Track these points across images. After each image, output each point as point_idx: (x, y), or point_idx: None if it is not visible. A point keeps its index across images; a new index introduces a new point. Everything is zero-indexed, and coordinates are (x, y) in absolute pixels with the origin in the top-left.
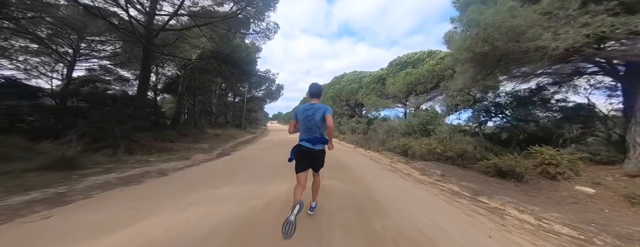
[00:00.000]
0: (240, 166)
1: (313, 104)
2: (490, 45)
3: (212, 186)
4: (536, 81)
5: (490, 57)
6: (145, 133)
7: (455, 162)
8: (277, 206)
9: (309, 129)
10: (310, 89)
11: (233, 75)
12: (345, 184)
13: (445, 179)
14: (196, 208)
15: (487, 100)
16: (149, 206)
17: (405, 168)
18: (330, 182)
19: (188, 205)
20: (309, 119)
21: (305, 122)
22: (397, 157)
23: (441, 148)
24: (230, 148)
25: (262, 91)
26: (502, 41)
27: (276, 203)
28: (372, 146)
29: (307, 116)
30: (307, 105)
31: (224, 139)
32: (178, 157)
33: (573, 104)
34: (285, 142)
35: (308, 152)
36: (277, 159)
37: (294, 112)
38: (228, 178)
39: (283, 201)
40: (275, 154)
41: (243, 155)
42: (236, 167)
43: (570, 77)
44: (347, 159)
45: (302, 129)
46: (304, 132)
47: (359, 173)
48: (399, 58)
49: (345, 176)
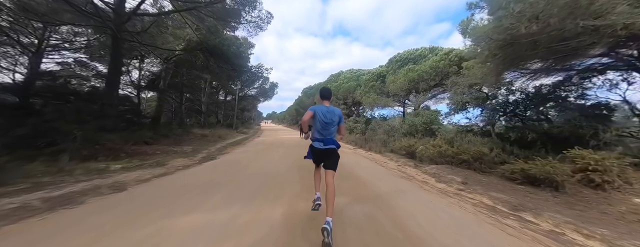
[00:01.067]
0: (224, 175)
1: (328, 106)
2: (541, 24)
3: (177, 208)
4: (559, 75)
5: (526, 42)
6: (116, 134)
7: (470, 166)
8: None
9: (325, 130)
10: (323, 92)
11: (222, 70)
12: (361, 202)
13: (468, 187)
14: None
15: (500, 97)
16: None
17: (417, 174)
18: (343, 200)
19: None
20: (328, 123)
21: (323, 125)
22: (402, 160)
23: (453, 150)
24: (217, 151)
25: (255, 89)
26: (558, 18)
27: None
28: (373, 147)
29: (326, 121)
30: (323, 107)
31: (212, 141)
32: (151, 164)
33: (605, 101)
34: (280, 143)
35: (320, 151)
36: (271, 165)
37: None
38: (203, 195)
39: (276, 240)
40: (268, 158)
41: (230, 159)
42: (218, 178)
43: (602, 71)
44: (352, 164)
45: (318, 129)
46: (319, 132)
47: (371, 183)
48: (399, 54)
49: (357, 188)
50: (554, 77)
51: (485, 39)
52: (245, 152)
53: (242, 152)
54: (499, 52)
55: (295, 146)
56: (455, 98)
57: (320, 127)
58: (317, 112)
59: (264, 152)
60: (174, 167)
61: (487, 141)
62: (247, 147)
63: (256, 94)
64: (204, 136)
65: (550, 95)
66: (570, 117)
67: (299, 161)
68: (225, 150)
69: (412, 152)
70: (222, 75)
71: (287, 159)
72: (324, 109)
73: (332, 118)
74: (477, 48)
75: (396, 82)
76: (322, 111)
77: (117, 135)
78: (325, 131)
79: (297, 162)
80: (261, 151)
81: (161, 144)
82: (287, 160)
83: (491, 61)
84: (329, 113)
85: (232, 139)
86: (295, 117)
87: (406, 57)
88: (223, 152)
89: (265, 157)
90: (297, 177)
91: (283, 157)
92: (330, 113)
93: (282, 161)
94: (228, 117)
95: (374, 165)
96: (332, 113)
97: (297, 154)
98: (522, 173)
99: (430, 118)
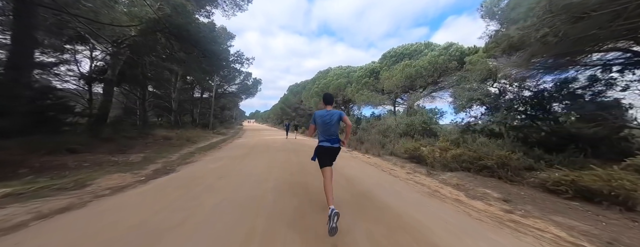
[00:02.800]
0: (170, 208)
1: (328, 110)
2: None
3: None
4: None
5: (586, 20)
6: (17, 140)
7: (494, 173)
8: None
9: (328, 130)
10: (326, 97)
11: (192, 59)
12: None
13: (515, 208)
14: None
15: (510, 94)
16: None
17: (438, 186)
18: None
19: None
20: (327, 123)
21: (324, 126)
22: (409, 166)
23: (470, 154)
24: (179, 159)
25: (236, 86)
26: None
27: None
28: (369, 149)
29: (325, 121)
30: (323, 111)
31: (177, 145)
32: (63, 185)
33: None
34: (264, 145)
35: (329, 150)
36: (251, 180)
37: (311, 118)
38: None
39: None
40: (249, 171)
41: (194, 173)
42: (159, 217)
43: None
44: (362, 178)
45: (321, 131)
46: (322, 134)
47: (396, 210)
48: (393, 49)
49: (386, 226)
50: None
51: (538, 13)
52: (219, 161)
53: (213, 161)
54: (565, 27)
55: (283, 149)
56: (463, 94)
57: (322, 128)
58: (316, 117)
59: (243, 159)
60: (96, 192)
61: (501, 143)
62: (222, 153)
63: (237, 91)
64: (167, 138)
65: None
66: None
67: (295, 176)
68: (192, 158)
69: (417, 156)
70: (193, 65)
71: (274, 169)
72: (323, 113)
73: (331, 118)
74: (516, 30)
75: (392, 78)
76: (321, 114)
77: (18, 140)
78: (328, 130)
79: (290, 177)
80: (240, 158)
81: (97, 152)
82: (274, 172)
83: (530, 43)
84: (328, 115)
85: (205, 141)
86: (280, 116)
87: (401, 52)
88: (188, 161)
89: (245, 168)
90: (292, 210)
91: (269, 166)
92: (328, 115)
93: (268, 174)
94: (205, 116)
95: (381, 174)
96: (330, 114)
97: (287, 163)
98: (572, 185)
99: (430, 116)
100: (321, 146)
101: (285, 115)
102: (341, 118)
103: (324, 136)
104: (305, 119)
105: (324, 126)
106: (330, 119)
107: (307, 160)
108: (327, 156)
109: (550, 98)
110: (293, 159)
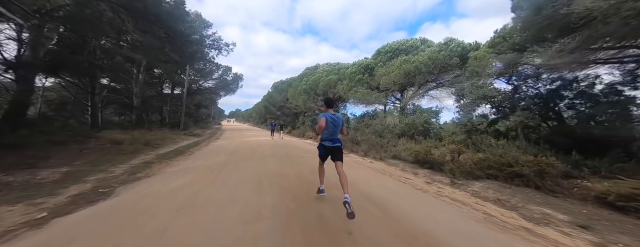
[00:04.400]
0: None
1: (333, 113)
2: None
3: None
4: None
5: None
6: None
7: (529, 182)
8: None
9: (333, 132)
10: (327, 101)
11: (150, 40)
12: None
13: (605, 239)
14: None
15: (525, 89)
16: None
17: (476, 202)
18: None
19: None
20: (335, 125)
21: (331, 128)
22: (421, 172)
23: (495, 159)
24: (125, 174)
25: (214, 81)
26: None
27: None
28: (368, 152)
29: (335, 124)
30: (329, 114)
31: (129, 151)
32: None
33: None
34: (249, 149)
35: (330, 148)
36: (232, 215)
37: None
38: None
39: None
40: (230, 189)
41: (138, 201)
42: None
43: None
44: (379, 191)
45: (327, 132)
46: (327, 134)
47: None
48: (388, 45)
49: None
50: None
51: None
52: (184, 175)
53: (176, 175)
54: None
55: (272, 155)
56: (475, 92)
57: (330, 130)
58: (327, 118)
59: (220, 172)
60: None
61: (522, 145)
62: (192, 161)
63: (215, 87)
64: (117, 142)
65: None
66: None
67: (300, 202)
68: (146, 170)
69: (430, 160)
70: (155, 51)
71: (266, 189)
72: (329, 115)
73: (338, 122)
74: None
75: (389, 74)
76: (331, 117)
77: None
78: (333, 132)
79: (296, 207)
80: (216, 170)
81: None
82: (268, 194)
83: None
84: (336, 118)
85: (172, 145)
86: (264, 115)
87: (397, 47)
88: (138, 176)
89: (222, 188)
90: None
91: (258, 185)
92: (336, 118)
93: (260, 199)
94: (177, 114)
95: (409, 191)
96: (337, 118)
97: (283, 177)
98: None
99: (431, 116)
100: (325, 146)
101: (269, 114)
102: (342, 124)
103: (328, 136)
104: (291, 119)
105: (332, 128)
106: (337, 121)
107: (309, 171)
108: (331, 154)
109: (591, 96)
110: (289, 170)
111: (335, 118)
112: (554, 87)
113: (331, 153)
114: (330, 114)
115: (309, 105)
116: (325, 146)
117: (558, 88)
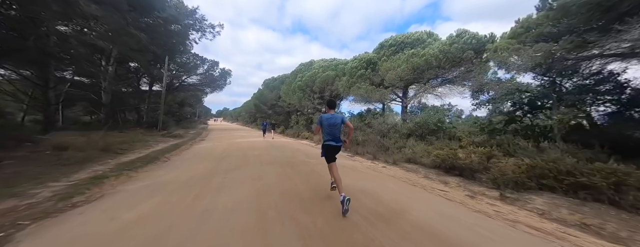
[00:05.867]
0: None
1: (332, 114)
2: None
3: None
4: None
5: None
6: None
7: (600, 196)
8: None
9: (333, 132)
10: (329, 103)
11: (106, 9)
12: None
13: None
14: None
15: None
16: None
17: (553, 228)
18: None
19: None
20: (333, 125)
21: (330, 128)
22: (451, 180)
23: (550, 166)
24: (55, 198)
25: (199, 76)
26: None
27: None
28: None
29: (331, 123)
30: (328, 115)
31: (76, 161)
32: None
33: None
34: (240, 153)
35: (334, 147)
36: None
37: (318, 120)
38: None
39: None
40: (217, 228)
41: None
42: None
43: None
44: (426, 215)
45: (327, 132)
46: (328, 134)
47: None
48: (392, 37)
49: None
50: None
51: None
52: (149, 197)
53: (136, 198)
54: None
55: (271, 162)
56: (502, 86)
57: (328, 130)
58: (323, 120)
59: (203, 190)
60: None
61: (565, 148)
62: (165, 172)
63: (200, 83)
64: (62, 148)
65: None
66: None
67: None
68: (85, 193)
69: (459, 166)
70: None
71: (276, 226)
72: (328, 116)
73: (335, 121)
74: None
75: (395, 69)
76: (327, 117)
77: None
78: (332, 132)
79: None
80: (197, 186)
81: None
82: (278, 238)
83: None
84: (332, 118)
85: (142, 150)
86: (254, 114)
87: (402, 41)
88: (74, 201)
89: (202, 229)
90: None
91: (262, 217)
92: (332, 118)
93: (271, 224)
94: (156, 112)
95: (462, 212)
96: (334, 117)
97: (292, 196)
98: None
99: (444, 115)
100: (328, 145)
101: (260, 112)
102: (343, 122)
103: (329, 136)
104: (284, 118)
105: (330, 128)
106: (334, 121)
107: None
108: (333, 153)
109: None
110: (299, 185)
111: (332, 117)
112: (594, 81)
113: (333, 152)
114: (327, 115)
115: (305, 103)
116: (330, 145)
117: (596, 83)
